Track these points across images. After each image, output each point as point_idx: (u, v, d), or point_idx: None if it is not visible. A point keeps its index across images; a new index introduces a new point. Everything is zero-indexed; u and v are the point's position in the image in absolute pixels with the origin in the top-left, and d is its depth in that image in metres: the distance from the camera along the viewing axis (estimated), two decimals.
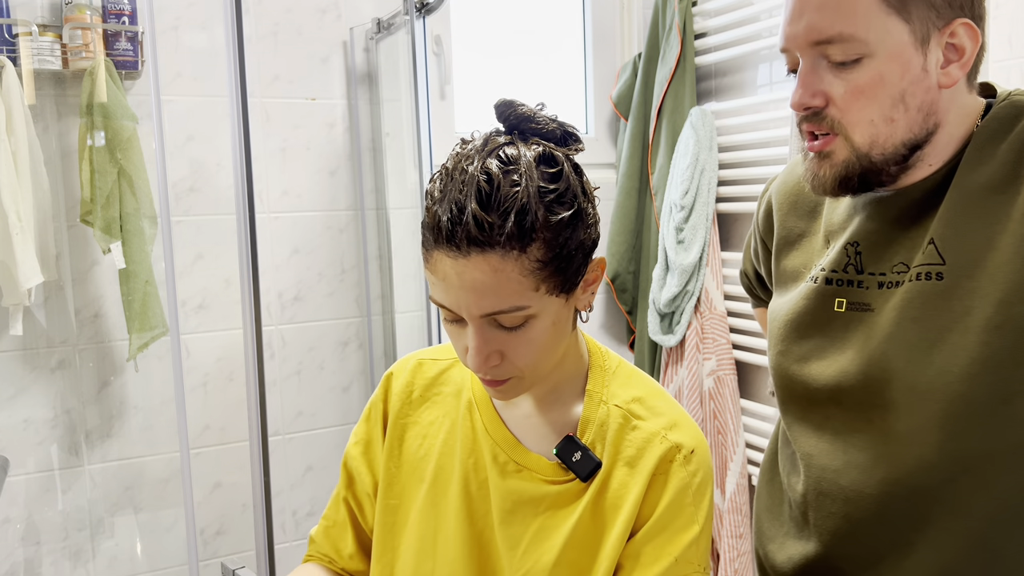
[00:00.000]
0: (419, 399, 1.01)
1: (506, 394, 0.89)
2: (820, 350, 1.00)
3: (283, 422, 2.24)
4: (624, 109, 2.53)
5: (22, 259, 1.78)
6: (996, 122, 0.92)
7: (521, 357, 0.85)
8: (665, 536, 0.89)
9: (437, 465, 0.97)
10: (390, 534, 0.99)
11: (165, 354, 2.07)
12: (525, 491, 0.92)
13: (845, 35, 0.88)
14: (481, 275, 0.80)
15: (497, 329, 0.84)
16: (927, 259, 0.92)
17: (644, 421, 0.92)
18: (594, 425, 0.92)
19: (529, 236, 0.80)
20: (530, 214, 0.80)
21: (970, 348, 0.88)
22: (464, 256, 0.80)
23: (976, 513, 0.90)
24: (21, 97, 1.80)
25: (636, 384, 0.95)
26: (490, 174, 0.80)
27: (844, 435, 0.97)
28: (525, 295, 0.81)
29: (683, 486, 0.89)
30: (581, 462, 0.90)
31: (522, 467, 0.92)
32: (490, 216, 0.79)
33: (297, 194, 2.22)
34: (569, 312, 0.88)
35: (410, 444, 1.00)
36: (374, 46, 2.26)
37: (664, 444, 0.90)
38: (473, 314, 0.82)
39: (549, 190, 0.82)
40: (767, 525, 1.11)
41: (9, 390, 1.96)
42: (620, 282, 2.53)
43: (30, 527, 2.00)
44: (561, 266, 0.83)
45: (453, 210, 0.80)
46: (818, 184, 0.95)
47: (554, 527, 0.90)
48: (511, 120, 0.86)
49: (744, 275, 1.32)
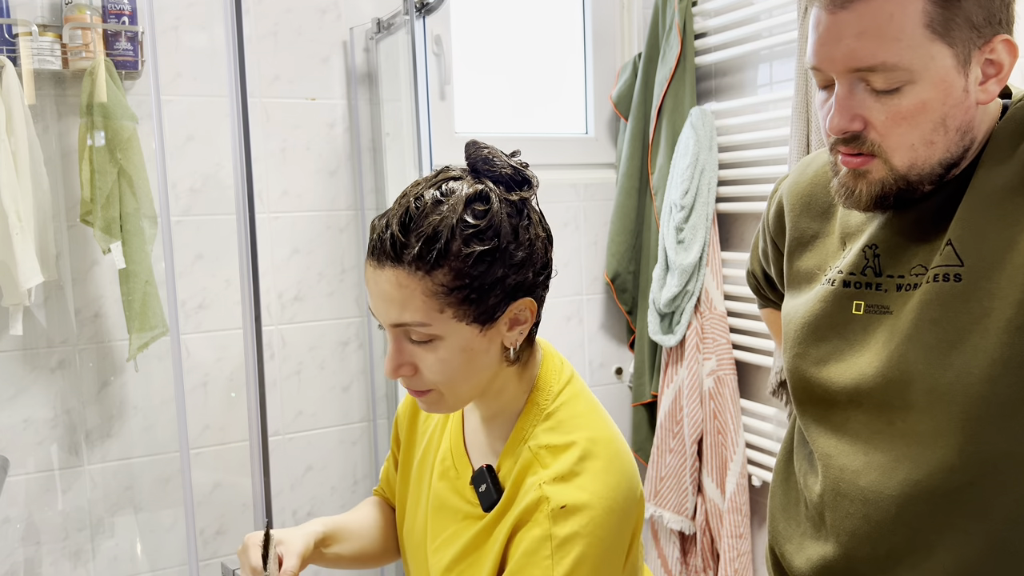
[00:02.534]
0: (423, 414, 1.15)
1: (429, 406, 0.97)
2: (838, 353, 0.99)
3: (283, 422, 2.24)
4: (624, 109, 2.52)
5: (22, 259, 1.78)
6: (1013, 123, 0.92)
7: (431, 374, 0.92)
8: None
9: (420, 463, 1.10)
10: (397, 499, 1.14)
11: (165, 354, 2.07)
12: (448, 499, 1.01)
13: (889, 64, 0.86)
14: (388, 287, 0.89)
15: (408, 342, 0.92)
16: (945, 260, 0.91)
17: (542, 467, 0.93)
18: (510, 460, 0.97)
19: (437, 262, 0.87)
20: (440, 242, 0.87)
21: (990, 349, 0.87)
22: (380, 268, 0.90)
23: (996, 515, 0.90)
24: (21, 97, 1.80)
25: (566, 430, 0.95)
26: (421, 201, 0.89)
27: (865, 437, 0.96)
28: (428, 314, 0.89)
29: (541, 538, 0.88)
30: (484, 493, 0.97)
31: (459, 475, 1.01)
32: (404, 237, 0.88)
33: (297, 194, 2.22)
34: (488, 345, 0.93)
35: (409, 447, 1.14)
36: (374, 46, 2.26)
37: (536, 493, 0.90)
38: (385, 322, 0.91)
39: (469, 224, 0.88)
40: (783, 525, 1.10)
41: (9, 390, 1.96)
42: (620, 282, 2.53)
43: (30, 527, 2.00)
44: (470, 296, 0.89)
45: (381, 226, 0.90)
46: (853, 201, 0.94)
47: (457, 537, 0.99)
48: (473, 158, 0.94)
49: (751, 275, 1.32)
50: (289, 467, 2.26)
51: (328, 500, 2.31)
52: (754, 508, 2.34)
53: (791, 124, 1.94)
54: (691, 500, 2.35)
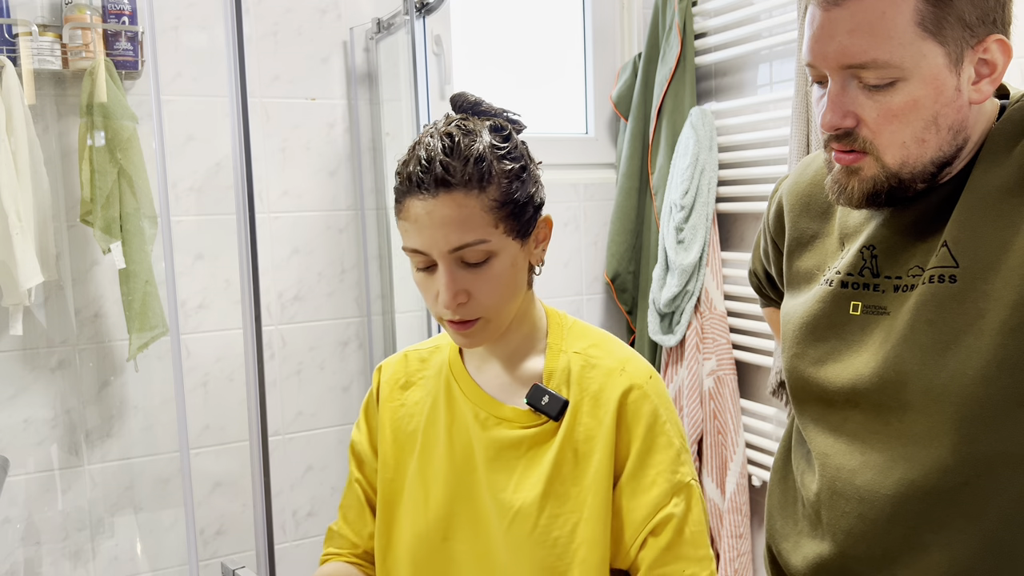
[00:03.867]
0: (405, 384, 1.13)
1: (473, 338, 1.00)
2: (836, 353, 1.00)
3: (283, 422, 2.24)
4: (624, 109, 2.53)
5: (22, 259, 1.78)
6: (1010, 124, 0.92)
7: (486, 295, 0.97)
8: (651, 462, 0.99)
9: (424, 436, 1.08)
10: (390, 505, 1.10)
11: (165, 354, 2.07)
12: (505, 438, 1.02)
13: (880, 61, 0.86)
14: (448, 211, 0.93)
15: (463, 269, 0.96)
16: (940, 262, 0.91)
17: (600, 359, 1.04)
18: (557, 372, 1.03)
19: (486, 178, 0.94)
20: (486, 161, 0.95)
21: (984, 350, 0.88)
22: (433, 196, 0.93)
23: (991, 515, 0.90)
24: (21, 97, 1.80)
25: (591, 335, 1.08)
26: (451, 134, 0.96)
27: (861, 436, 0.97)
28: (486, 230, 0.94)
29: (654, 410, 1.00)
30: (550, 403, 1.01)
31: (500, 419, 1.03)
32: (454, 161, 0.94)
33: (297, 194, 2.22)
34: (525, 260, 1.01)
35: (400, 424, 1.11)
36: (374, 46, 2.26)
37: (624, 376, 1.01)
38: (443, 250, 0.94)
39: (500, 146, 0.97)
40: (780, 523, 1.11)
41: (9, 390, 1.96)
42: (620, 282, 2.53)
43: (30, 527, 2.00)
44: (515, 210, 0.97)
45: (422, 162, 0.95)
46: (845, 198, 0.95)
47: (535, 465, 1.01)
48: (464, 107, 1.02)
49: (753, 275, 1.32)
50: (289, 467, 2.26)
51: (328, 500, 2.31)
52: (754, 508, 2.34)
53: (791, 124, 1.95)
54: None
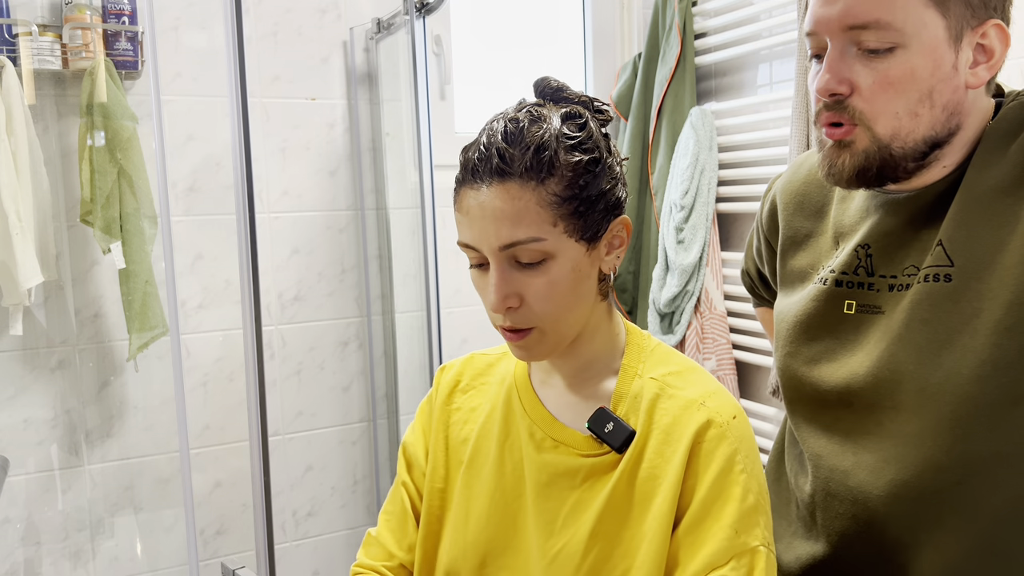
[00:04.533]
0: (465, 387, 1.05)
1: (529, 350, 0.90)
2: (830, 352, 0.99)
3: (283, 422, 2.24)
4: (624, 109, 2.53)
5: (22, 259, 1.78)
6: (1005, 123, 0.92)
7: (539, 302, 0.87)
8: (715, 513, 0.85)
9: (474, 447, 0.99)
10: (434, 517, 1.01)
11: (165, 354, 2.07)
12: (560, 464, 0.92)
13: (883, 22, 0.87)
14: (500, 203, 0.85)
15: (517, 270, 0.87)
16: (935, 260, 0.91)
17: (681, 390, 0.91)
18: (628, 398, 0.92)
19: (547, 169, 0.85)
20: (548, 150, 0.86)
21: (979, 350, 0.87)
22: (487, 186, 0.86)
23: (984, 515, 0.90)
24: (21, 97, 1.80)
25: (674, 361, 0.95)
26: (518, 120, 0.88)
27: (854, 437, 0.96)
28: (542, 227, 0.85)
29: (730, 454, 0.86)
30: (614, 432, 0.89)
31: (558, 442, 0.93)
32: (511, 149, 0.86)
33: (297, 194, 2.22)
34: (592, 267, 0.90)
35: (454, 429, 1.03)
36: (374, 46, 2.26)
37: (703, 411, 0.88)
38: (493, 246, 0.86)
39: (571, 135, 0.88)
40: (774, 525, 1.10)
41: (9, 390, 1.96)
42: (620, 282, 2.53)
43: (30, 527, 2.00)
44: (580, 208, 0.87)
45: (481, 148, 0.87)
46: (835, 174, 0.94)
47: (589, 500, 0.90)
48: (544, 92, 0.94)
49: (746, 274, 1.32)
50: (289, 467, 2.26)
51: (328, 500, 2.31)
52: None
53: (791, 124, 1.94)
54: None
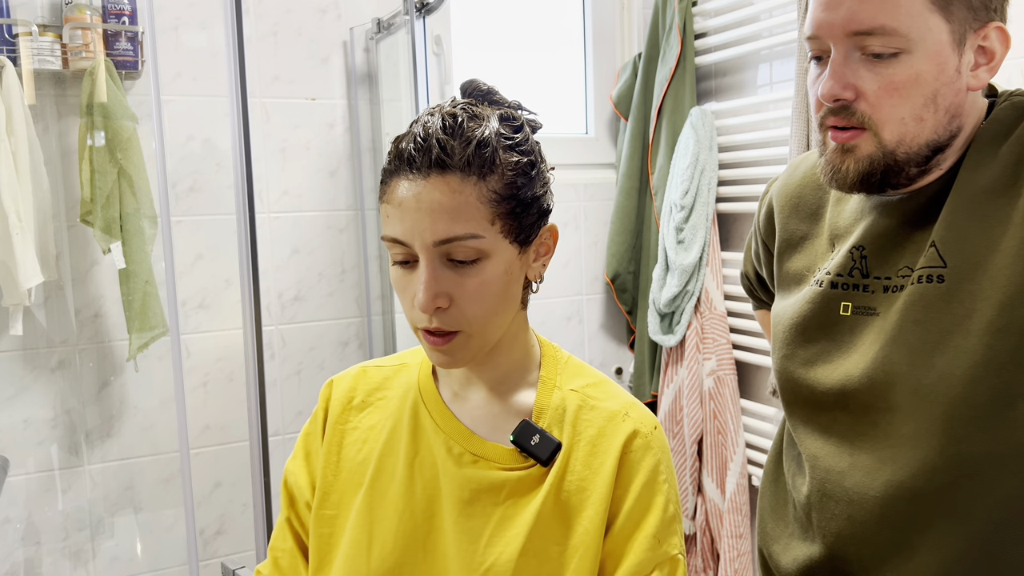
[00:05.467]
0: (360, 404, 0.98)
1: (452, 356, 0.86)
2: (826, 354, 0.99)
3: (283, 422, 2.24)
4: (624, 109, 2.52)
5: (22, 259, 1.78)
6: (997, 124, 0.92)
7: (470, 302, 0.84)
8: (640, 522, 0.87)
9: (376, 468, 0.93)
10: (326, 546, 0.94)
11: (165, 354, 2.07)
12: (484, 480, 0.88)
13: (888, 28, 0.86)
14: (440, 195, 0.81)
15: (448, 269, 0.83)
16: (928, 262, 0.91)
17: (602, 401, 0.91)
18: (549, 410, 0.90)
19: (489, 166, 0.83)
20: (490, 147, 0.83)
21: (972, 351, 0.88)
22: (424, 177, 0.81)
23: (978, 516, 0.90)
24: (21, 97, 1.80)
25: (588, 373, 0.95)
26: (455, 114, 0.85)
27: (850, 438, 0.96)
28: (481, 224, 0.82)
29: (655, 465, 0.88)
30: (540, 445, 0.87)
31: (478, 457, 0.89)
32: (453, 140, 0.82)
33: (297, 194, 2.22)
34: (521, 272, 0.88)
35: (348, 450, 0.96)
36: (374, 46, 2.26)
37: (628, 422, 0.89)
38: (427, 241, 0.81)
39: (509, 136, 0.86)
40: (771, 526, 1.10)
41: (9, 390, 1.96)
42: (620, 282, 2.53)
43: (30, 527, 2.00)
44: (516, 209, 0.84)
45: (418, 138, 0.83)
46: (839, 179, 0.93)
47: (516, 515, 0.87)
48: (475, 93, 0.91)
49: (745, 277, 1.32)
50: None
51: None
52: (754, 508, 2.34)
53: (791, 124, 1.94)
54: (691, 500, 2.35)
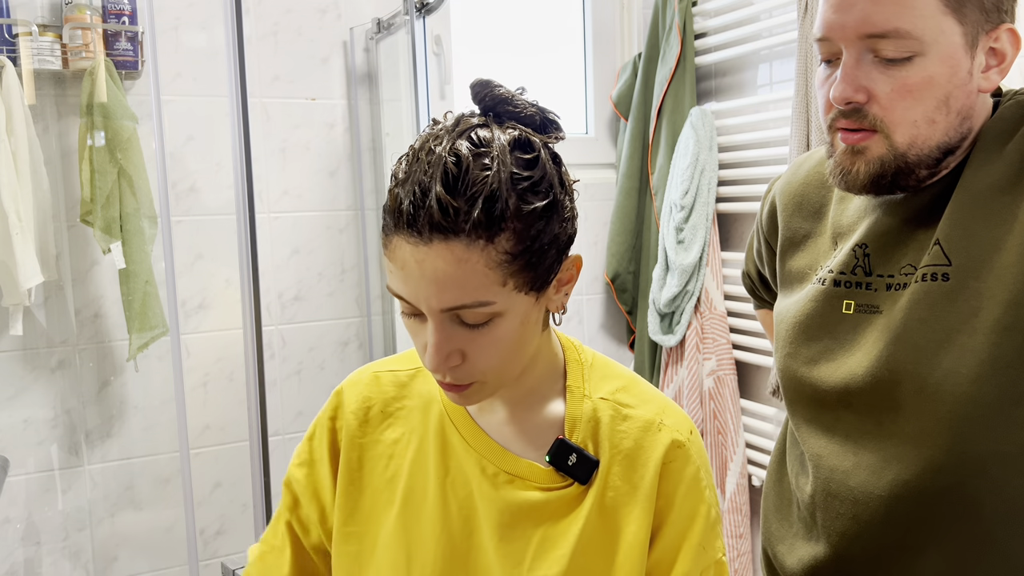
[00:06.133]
0: (379, 416, 0.92)
1: (468, 399, 0.82)
2: (829, 352, 0.99)
3: (283, 422, 2.24)
4: (624, 109, 2.52)
5: (22, 259, 1.78)
6: (1002, 122, 0.92)
7: (484, 359, 0.78)
8: (685, 532, 0.84)
9: (407, 486, 0.88)
10: (356, 563, 0.89)
11: (165, 354, 2.07)
12: (523, 501, 0.84)
13: (902, 31, 0.86)
14: (444, 264, 0.73)
15: (459, 326, 0.77)
16: (933, 260, 0.91)
17: (635, 409, 0.87)
18: (582, 422, 0.86)
19: (498, 225, 0.73)
20: (500, 201, 0.73)
21: (978, 349, 0.87)
22: (426, 243, 0.73)
23: (985, 515, 0.89)
24: (21, 97, 1.80)
25: (616, 375, 0.90)
26: (459, 156, 0.74)
27: (854, 437, 0.96)
28: (491, 289, 0.75)
29: (694, 474, 0.85)
30: (578, 465, 0.84)
31: (514, 476, 0.85)
32: (456, 201, 0.72)
33: (297, 194, 2.22)
34: (540, 313, 0.82)
35: (373, 466, 0.91)
36: (374, 46, 2.26)
37: (665, 432, 0.85)
38: (433, 308, 0.75)
39: (523, 177, 0.75)
40: (775, 526, 1.10)
41: (9, 390, 1.96)
42: (620, 282, 2.53)
43: (30, 527, 2.00)
44: (532, 260, 0.76)
45: (416, 192, 0.73)
46: (850, 180, 0.93)
47: (558, 536, 0.84)
48: (487, 101, 0.80)
49: (746, 276, 1.32)
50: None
51: None
52: (754, 508, 2.34)
53: (791, 124, 1.94)
54: None
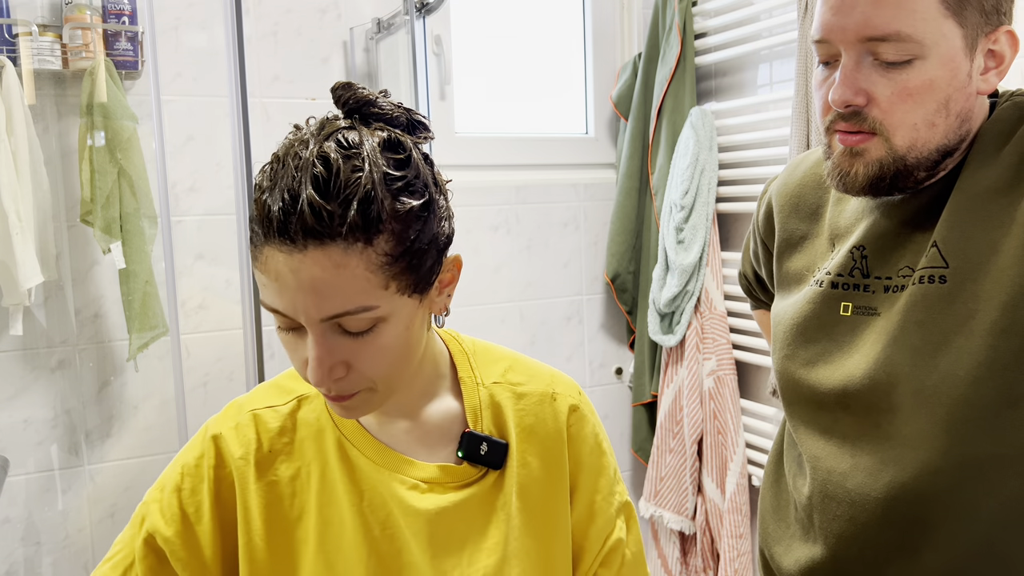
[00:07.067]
0: (268, 456, 0.86)
1: (354, 411, 0.79)
2: (826, 354, 0.99)
3: None
4: (624, 109, 2.53)
5: (22, 259, 1.78)
6: (999, 124, 0.91)
7: (370, 367, 0.76)
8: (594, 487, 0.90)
9: (320, 520, 0.83)
10: None
11: (165, 354, 2.07)
12: (448, 504, 0.83)
13: (903, 34, 0.85)
14: (321, 271, 0.70)
15: (341, 335, 0.74)
16: (930, 262, 0.91)
17: (527, 386, 0.90)
18: (483, 410, 0.87)
19: (375, 227, 0.71)
20: (375, 203, 0.71)
21: (975, 351, 0.87)
22: (300, 251, 0.70)
23: (982, 517, 0.89)
24: (21, 97, 1.80)
25: (499, 356, 0.92)
26: (327, 159, 0.71)
27: (852, 439, 0.96)
28: (373, 294, 0.72)
29: (593, 430, 0.92)
30: (490, 451, 0.85)
31: (431, 483, 0.84)
32: (329, 204, 0.70)
33: None
34: (424, 316, 0.80)
35: (276, 509, 0.84)
36: (374, 46, 2.26)
37: (560, 400, 0.91)
38: (313, 318, 0.72)
39: (396, 177, 0.73)
40: (772, 527, 1.10)
41: (9, 390, 1.96)
42: (620, 282, 2.53)
43: (30, 527, 2.00)
44: (413, 262, 0.74)
45: (286, 198, 0.70)
46: (848, 182, 0.92)
47: (488, 525, 0.84)
48: (351, 104, 0.77)
49: (743, 277, 1.32)
50: None
51: None
52: (754, 508, 2.34)
53: (791, 124, 1.94)
54: (691, 500, 2.35)
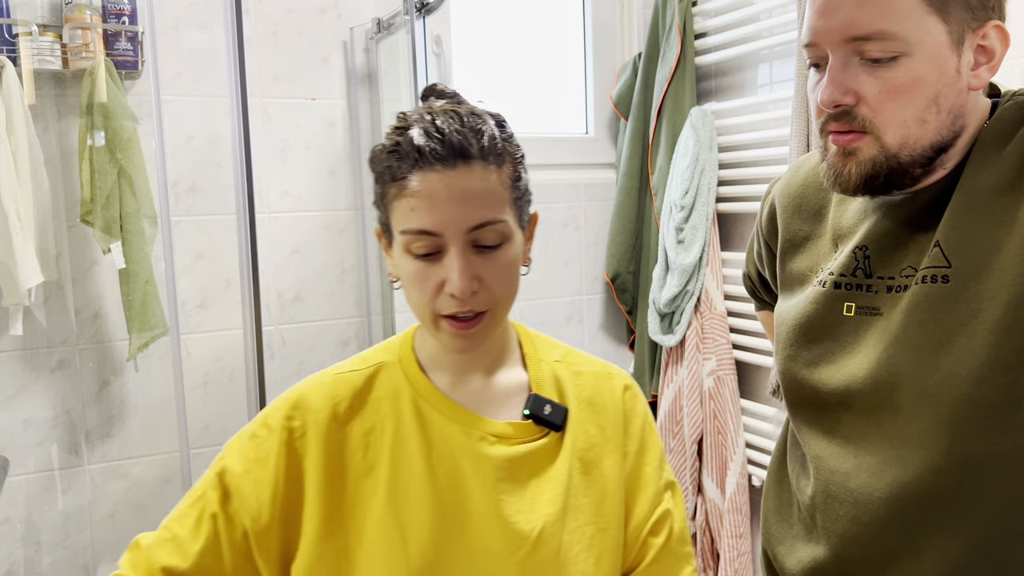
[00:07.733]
0: (348, 413, 0.93)
1: (475, 338, 0.90)
2: (829, 354, 0.99)
3: None
4: (624, 109, 2.52)
5: (22, 259, 1.78)
6: (1001, 123, 0.92)
7: (497, 283, 0.88)
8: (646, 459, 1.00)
9: (391, 471, 0.91)
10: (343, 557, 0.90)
11: (165, 354, 2.07)
12: (513, 455, 0.93)
13: (886, 33, 0.86)
14: (470, 183, 0.85)
15: (476, 254, 0.87)
16: (933, 262, 0.91)
17: (584, 367, 1.02)
18: (545, 381, 0.99)
19: (501, 155, 0.88)
20: (497, 138, 0.88)
21: (978, 351, 0.87)
22: (451, 167, 0.84)
23: (985, 518, 0.89)
24: (21, 97, 1.80)
25: (556, 345, 1.05)
26: (453, 110, 0.88)
27: (855, 439, 0.96)
28: (504, 209, 0.87)
29: (645, 409, 1.03)
30: (553, 413, 0.95)
31: (498, 437, 0.93)
32: (469, 134, 0.85)
33: (297, 194, 2.22)
34: (522, 254, 0.94)
35: (351, 460, 0.92)
36: (374, 46, 2.26)
37: (616, 379, 1.02)
38: (461, 227, 0.85)
39: (505, 129, 0.91)
40: (776, 527, 1.10)
41: (9, 390, 1.96)
42: (620, 282, 2.53)
43: (30, 527, 2.00)
44: (520, 196, 0.91)
45: (431, 131, 0.85)
46: (842, 182, 0.93)
47: (548, 481, 0.94)
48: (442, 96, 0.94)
49: (747, 278, 1.32)
50: None
51: None
52: (754, 508, 2.34)
53: (791, 124, 1.95)
54: (691, 500, 2.35)
